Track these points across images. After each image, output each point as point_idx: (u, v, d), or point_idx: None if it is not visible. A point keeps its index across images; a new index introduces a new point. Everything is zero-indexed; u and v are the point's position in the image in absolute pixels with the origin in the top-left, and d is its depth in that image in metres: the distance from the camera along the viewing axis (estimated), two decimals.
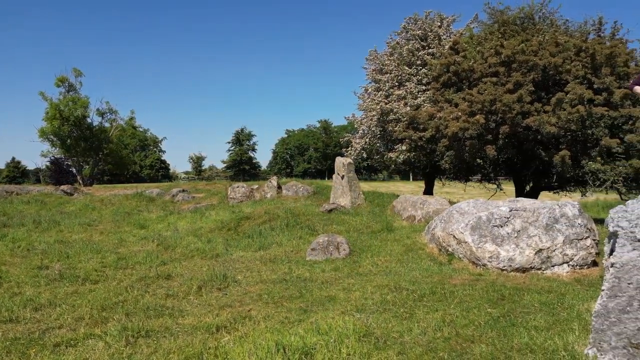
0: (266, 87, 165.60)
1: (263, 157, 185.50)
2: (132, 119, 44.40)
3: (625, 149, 12.87)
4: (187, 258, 9.24)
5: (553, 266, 7.44)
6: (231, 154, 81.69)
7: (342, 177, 14.77)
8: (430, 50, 19.35)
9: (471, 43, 16.58)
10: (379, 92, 19.60)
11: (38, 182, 39.46)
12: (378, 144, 20.32)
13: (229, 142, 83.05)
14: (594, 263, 7.64)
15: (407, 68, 19.36)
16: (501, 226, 7.77)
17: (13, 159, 69.38)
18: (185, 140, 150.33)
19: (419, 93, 18.60)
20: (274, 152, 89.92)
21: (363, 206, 14.18)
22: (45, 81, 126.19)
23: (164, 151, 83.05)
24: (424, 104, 17.72)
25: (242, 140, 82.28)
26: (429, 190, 20.85)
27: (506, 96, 13.16)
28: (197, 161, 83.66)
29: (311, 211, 13.07)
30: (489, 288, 6.16)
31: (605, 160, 13.08)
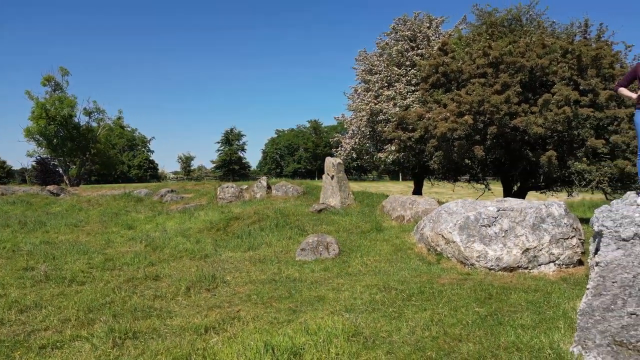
0: (256, 87, 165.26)
1: (253, 157, 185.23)
2: (120, 119, 43.89)
3: (610, 150, 13.06)
4: (176, 259, 9.18)
5: (540, 265, 7.53)
6: (220, 154, 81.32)
7: (332, 177, 14.79)
8: (419, 51, 19.45)
9: (460, 44, 16.71)
10: (369, 93, 19.66)
11: (24, 183, 38.92)
12: (368, 144, 20.37)
13: (219, 142, 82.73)
14: (580, 262, 7.75)
15: (397, 69, 19.45)
16: (489, 226, 7.84)
17: None
18: (174, 140, 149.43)
19: (408, 94, 18.69)
20: (264, 152, 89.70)
21: (353, 206, 14.21)
22: (31, 80, 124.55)
23: (153, 151, 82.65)
24: (413, 105, 17.82)
25: (232, 140, 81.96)
26: (418, 190, 20.96)
27: (494, 97, 13.28)
28: (186, 161, 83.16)
29: (301, 211, 13.07)
30: (477, 287, 6.22)
31: (590, 160, 13.26)
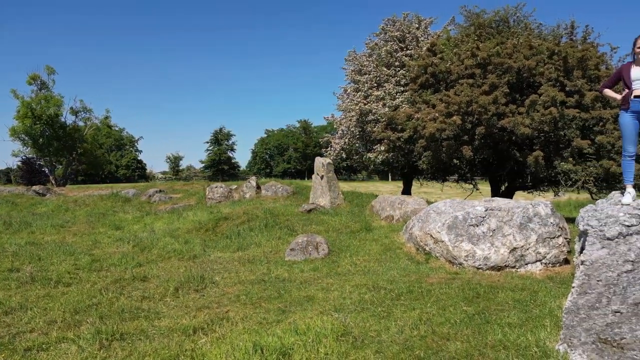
0: (245, 87, 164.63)
1: (242, 157, 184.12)
2: (108, 118, 43.38)
3: (595, 150, 13.24)
4: (164, 259, 9.12)
5: (527, 264, 7.61)
6: (210, 154, 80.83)
7: (322, 177, 14.79)
8: (408, 51, 19.54)
9: (448, 45, 16.81)
10: (358, 93, 19.70)
11: (9, 183, 38.26)
12: (357, 144, 20.42)
13: (208, 142, 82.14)
14: (566, 261, 7.84)
15: (386, 69, 19.52)
16: (477, 225, 7.91)
17: None
18: (162, 140, 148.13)
19: (397, 94, 18.76)
20: (253, 152, 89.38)
21: (342, 206, 14.23)
22: (16, 78, 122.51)
23: (141, 151, 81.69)
24: (402, 105, 17.89)
25: (221, 140, 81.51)
26: (407, 190, 21.06)
27: (482, 98, 13.39)
28: (175, 161, 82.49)
29: (290, 211, 13.05)
30: (465, 286, 6.27)
31: (576, 160, 13.43)
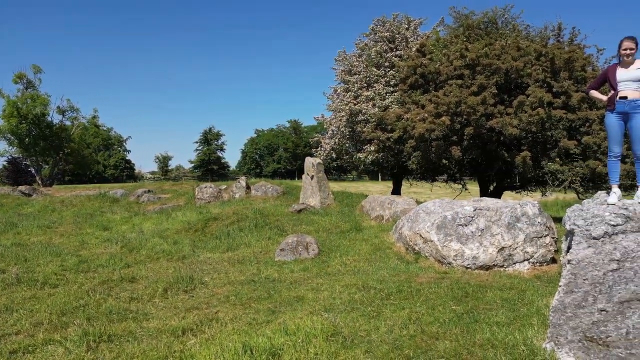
0: (235, 86, 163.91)
1: (232, 157, 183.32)
2: (95, 118, 42.86)
3: (582, 150, 13.42)
4: (153, 260, 9.05)
5: (514, 263, 7.69)
6: (199, 154, 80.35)
7: (312, 178, 14.79)
8: (397, 52, 19.62)
9: (437, 46, 16.91)
10: (348, 93, 19.74)
11: None
12: (347, 145, 20.45)
13: (197, 142, 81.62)
14: (553, 260, 7.94)
15: (376, 69, 19.58)
16: (466, 225, 7.97)
17: None
18: (151, 139, 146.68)
19: (387, 94, 18.83)
20: (243, 152, 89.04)
21: (332, 206, 14.25)
22: (1, 77, 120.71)
23: (129, 151, 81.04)
24: (392, 105, 17.96)
25: (211, 139, 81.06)
26: (397, 190, 21.15)
27: (471, 98, 13.48)
28: (164, 161, 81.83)
29: (280, 211, 13.04)
30: (454, 286, 6.31)
31: (563, 161, 13.60)
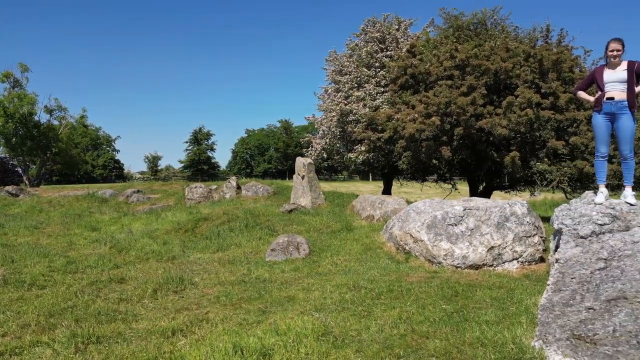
0: (226, 86, 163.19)
1: (222, 157, 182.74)
2: (84, 117, 42.40)
3: (570, 151, 13.58)
4: (142, 261, 8.98)
5: (504, 263, 7.76)
6: (189, 154, 79.92)
7: (303, 177, 14.78)
8: (388, 52, 19.69)
9: (427, 46, 16.99)
10: (339, 93, 19.76)
11: None
12: (338, 145, 20.48)
13: (187, 142, 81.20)
14: (541, 259, 8.02)
15: (366, 70, 19.63)
16: (456, 225, 8.02)
17: None
18: (140, 139, 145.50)
19: (378, 95, 18.88)
20: (234, 152, 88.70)
21: (323, 206, 14.25)
22: None
23: (118, 150, 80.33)
24: (383, 106, 18.01)
25: (201, 139, 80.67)
26: (388, 190, 21.22)
27: (460, 99, 13.58)
28: (153, 161, 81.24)
29: (271, 211, 13.01)
30: (444, 285, 6.35)
31: (551, 161, 13.75)
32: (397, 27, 20.51)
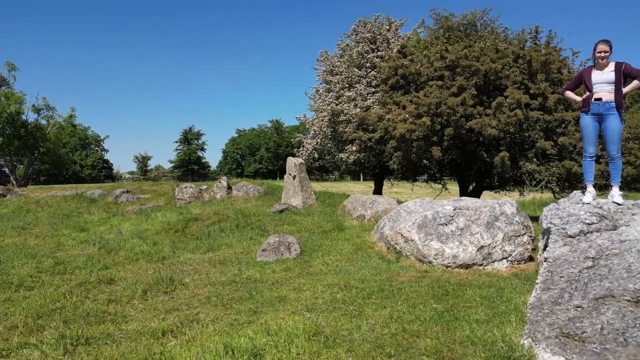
0: (216, 86, 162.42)
1: (213, 157, 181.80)
2: (72, 117, 41.96)
3: (558, 151, 13.73)
4: (132, 261, 8.91)
5: (493, 262, 7.82)
6: (179, 154, 79.50)
7: (294, 178, 14.77)
8: (379, 53, 19.75)
9: (418, 47, 17.08)
10: (330, 93, 19.78)
11: None
12: (329, 145, 20.50)
13: (177, 142, 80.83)
14: (530, 258, 8.10)
15: (357, 70, 19.67)
16: (446, 224, 8.06)
17: None
18: (130, 139, 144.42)
19: (369, 95, 18.93)
20: (224, 152, 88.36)
21: (314, 206, 14.25)
22: None
23: (107, 150, 79.54)
24: (374, 106, 18.06)
25: (191, 139, 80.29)
26: (379, 190, 21.28)
27: (451, 99, 13.66)
28: (143, 161, 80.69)
29: (262, 212, 12.98)
30: (434, 284, 6.38)
31: (540, 161, 13.89)
32: (388, 28, 20.58)
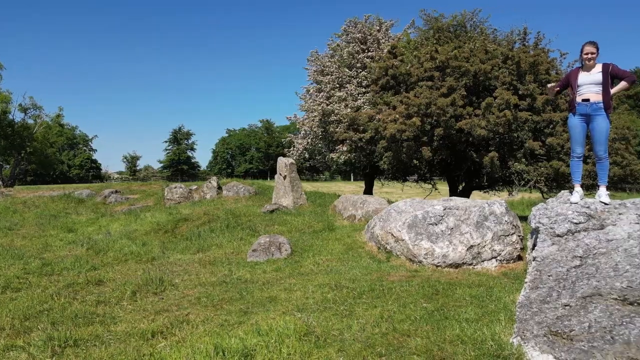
0: (206, 86, 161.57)
1: (203, 157, 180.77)
2: (60, 116, 41.47)
3: (546, 151, 13.89)
4: (121, 262, 8.84)
5: (483, 261, 7.87)
6: (168, 154, 79.01)
7: (285, 178, 14.74)
8: (369, 53, 19.80)
9: (408, 48, 17.15)
10: (321, 93, 19.79)
11: None
12: (320, 145, 20.51)
13: (167, 141, 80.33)
14: (519, 257, 8.17)
15: (348, 70, 19.70)
16: (436, 224, 8.11)
17: None
18: (118, 139, 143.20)
19: (359, 95, 18.97)
20: (214, 152, 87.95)
21: (305, 206, 14.24)
22: None
23: (95, 150, 78.98)
24: (364, 106, 18.11)
25: (180, 139, 79.83)
26: (369, 190, 21.33)
27: (440, 100, 13.74)
28: (132, 161, 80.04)
29: (253, 212, 12.94)
30: (425, 283, 6.41)
31: (529, 161, 14.04)
32: (379, 28, 20.64)
